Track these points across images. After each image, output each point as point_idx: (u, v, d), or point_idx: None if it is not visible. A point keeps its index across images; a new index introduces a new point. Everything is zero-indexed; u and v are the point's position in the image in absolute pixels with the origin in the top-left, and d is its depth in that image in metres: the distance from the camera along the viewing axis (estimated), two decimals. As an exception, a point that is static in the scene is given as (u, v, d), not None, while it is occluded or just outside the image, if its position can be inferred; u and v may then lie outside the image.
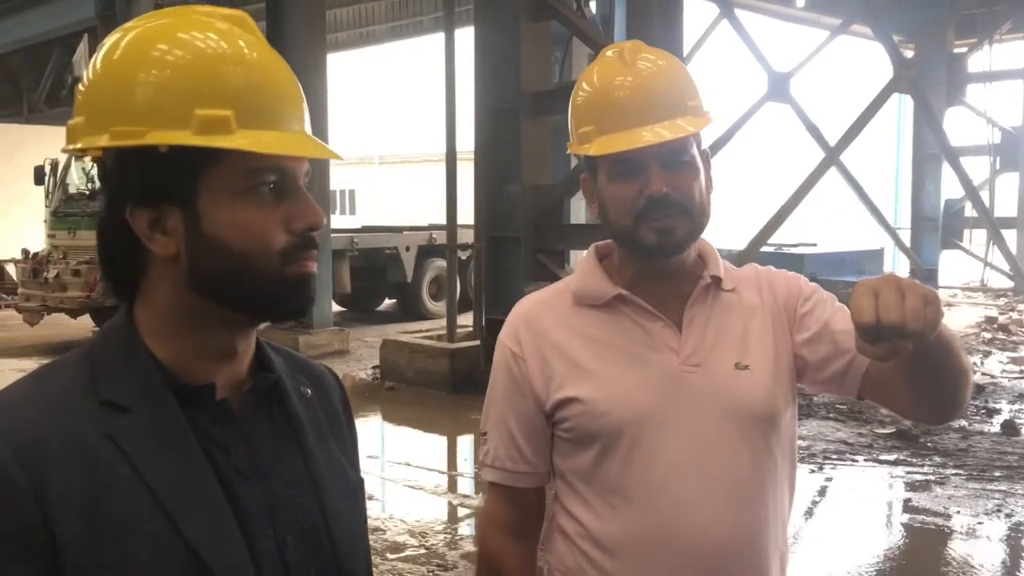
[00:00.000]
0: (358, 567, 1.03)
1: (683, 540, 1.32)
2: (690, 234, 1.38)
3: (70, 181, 12.26)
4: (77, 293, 10.93)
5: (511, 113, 8.40)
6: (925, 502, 5.54)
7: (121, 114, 0.87)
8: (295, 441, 1.01)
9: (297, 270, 0.93)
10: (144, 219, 0.90)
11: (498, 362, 1.51)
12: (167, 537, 0.85)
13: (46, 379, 0.91)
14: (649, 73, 1.37)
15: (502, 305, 8.75)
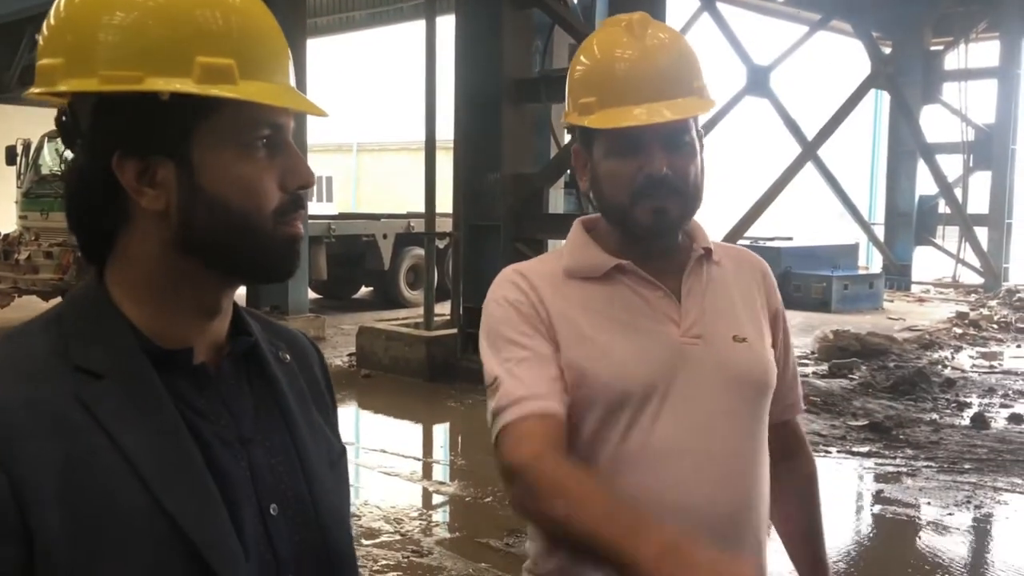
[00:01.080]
0: (343, 536, 0.99)
1: (685, 511, 1.31)
2: (683, 215, 1.38)
3: (42, 162, 12.09)
4: (49, 275, 10.80)
5: (492, 101, 8.37)
6: (896, 493, 5.61)
7: (111, 57, 0.82)
8: (276, 407, 0.97)
9: (287, 231, 0.89)
10: (132, 170, 0.85)
11: (498, 304, 1.41)
12: (148, 511, 0.81)
13: (14, 345, 0.85)
14: (657, 47, 1.35)
15: (480, 294, 8.66)
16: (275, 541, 0.91)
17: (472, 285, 8.84)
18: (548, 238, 8.56)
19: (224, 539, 0.85)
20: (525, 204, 8.61)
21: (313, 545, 0.95)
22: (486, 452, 6.44)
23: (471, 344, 8.73)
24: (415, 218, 13.44)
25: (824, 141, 12.77)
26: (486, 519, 5.01)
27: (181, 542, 0.82)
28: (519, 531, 4.78)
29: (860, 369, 8.94)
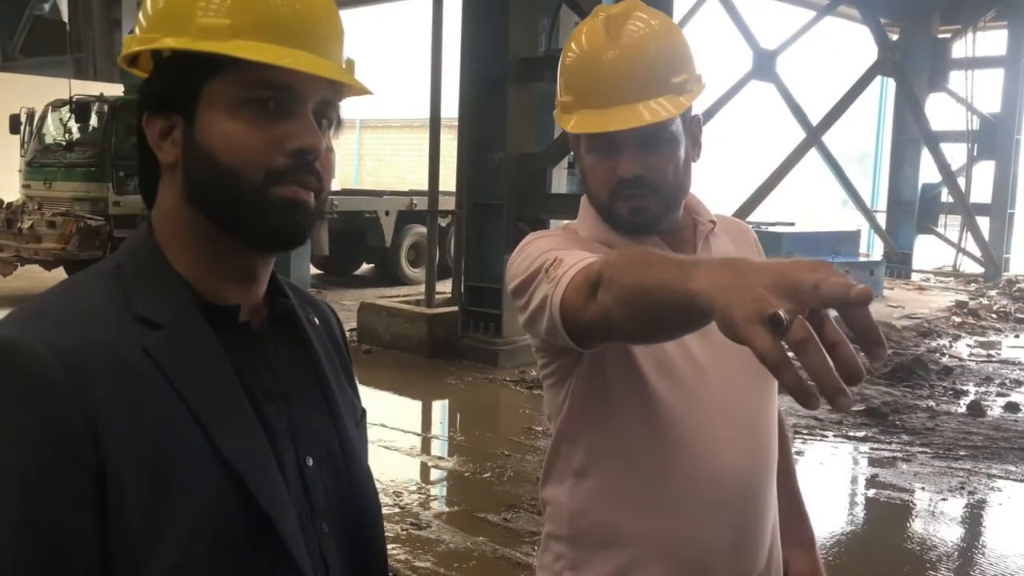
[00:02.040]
0: (369, 490, 1.05)
1: (712, 482, 1.35)
2: (664, 212, 1.40)
3: (46, 131, 12.08)
4: (52, 245, 10.81)
5: (497, 80, 8.36)
6: (891, 478, 5.66)
7: (148, 24, 0.92)
8: (310, 367, 1.02)
9: (283, 193, 0.90)
10: (156, 127, 0.93)
11: (533, 243, 1.37)
12: (204, 451, 0.86)
13: (78, 293, 0.90)
14: (632, 46, 1.33)
15: (482, 273, 8.78)
16: (311, 491, 0.96)
17: (474, 264, 8.86)
18: (551, 218, 8.57)
19: (274, 483, 0.90)
20: (528, 184, 8.61)
21: (343, 497, 1.00)
22: (484, 428, 6.50)
23: (472, 322, 8.78)
24: (417, 196, 13.43)
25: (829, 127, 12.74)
26: (484, 494, 5.06)
27: (236, 485, 0.87)
28: (516, 506, 4.83)
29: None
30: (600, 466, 1.40)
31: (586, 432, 1.41)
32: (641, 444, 1.36)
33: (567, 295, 1.18)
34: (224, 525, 0.86)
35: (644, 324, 1.06)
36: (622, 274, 1.07)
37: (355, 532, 1.01)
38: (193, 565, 0.84)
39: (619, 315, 1.07)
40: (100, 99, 11.65)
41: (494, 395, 7.60)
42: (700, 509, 1.35)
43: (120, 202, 11.30)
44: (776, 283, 0.78)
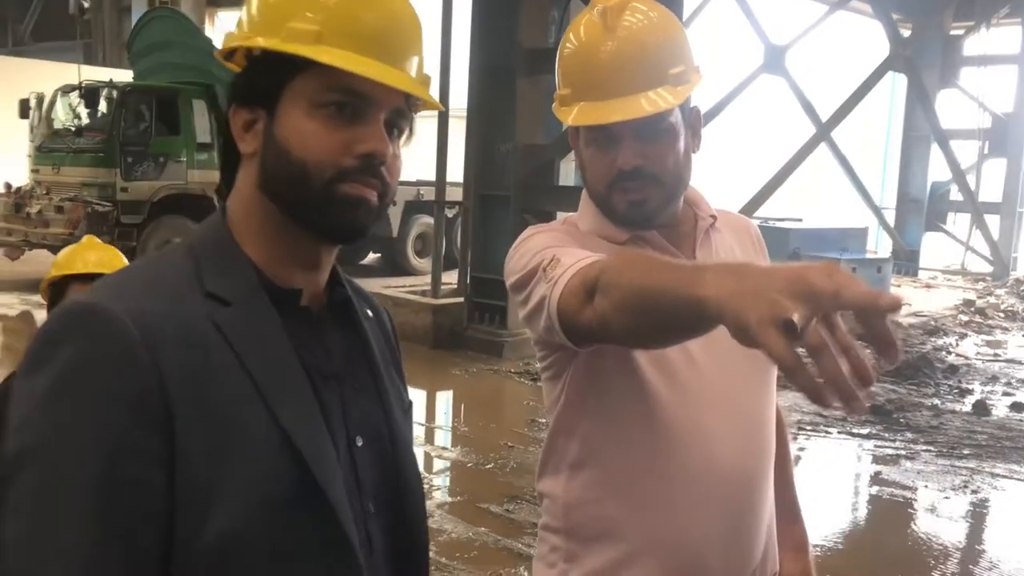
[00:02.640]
0: (414, 472, 1.10)
1: (708, 476, 1.35)
2: (664, 203, 1.39)
3: (55, 116, 12.08)
4: (60, 230, 10.81)
5: (507, 70, 8.34)
6: (894, 475, 5.65)
7: (247, 24, 0.99)
8: (364, 354, 1.08)
9: (348, 191, 0.96)
10: (240, 119, 0.99)
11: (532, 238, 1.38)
12: (265, 422, 0.91)
13: (159, 268, 0.97)
14: (630, 38, 1.33)
15: (488, 264, 8.78)
16: (359, 469, 1.01)
17: (480, 255, 8.86)
18: (558, 210, 8.55)
19: (327, 456, 0.95)
20: (536, 175, 8.60)
21: (388, 477, 1.05)
22: (488, 419, 6.51)
23: (477, 313, 8.78)
24: (425, 186, 13.42)
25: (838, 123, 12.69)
26: (486, 485, 5.07)
27: (292, 454, 0.92)
28: (519, 498, 4.84)
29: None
30: (595, 459, 1.40)
31: (582, 425, 1.41)
32: (635, 438, 1.36)
33: (564, 298, 1.19)
34: (278, 489, 0.91)
35: (645, 329, 1.06)
36: (621, 279, 1.07)
37: (399, 513, 1.06)
38: (248, 525, 0.89)
39: (619, 320, 1.08)
40: (109, 85, 11.64)
41: (498, 386, 7.61)
42: (694, 503, 1.35)
43: (128, 188, 11.30)
44: (790, 287, 0.78)
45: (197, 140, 11.95)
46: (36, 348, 0.88)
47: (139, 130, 11.57)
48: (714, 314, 0.87)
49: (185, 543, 0.87)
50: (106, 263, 2.04)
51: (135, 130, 11.51)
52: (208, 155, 12.08)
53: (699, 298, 0.89)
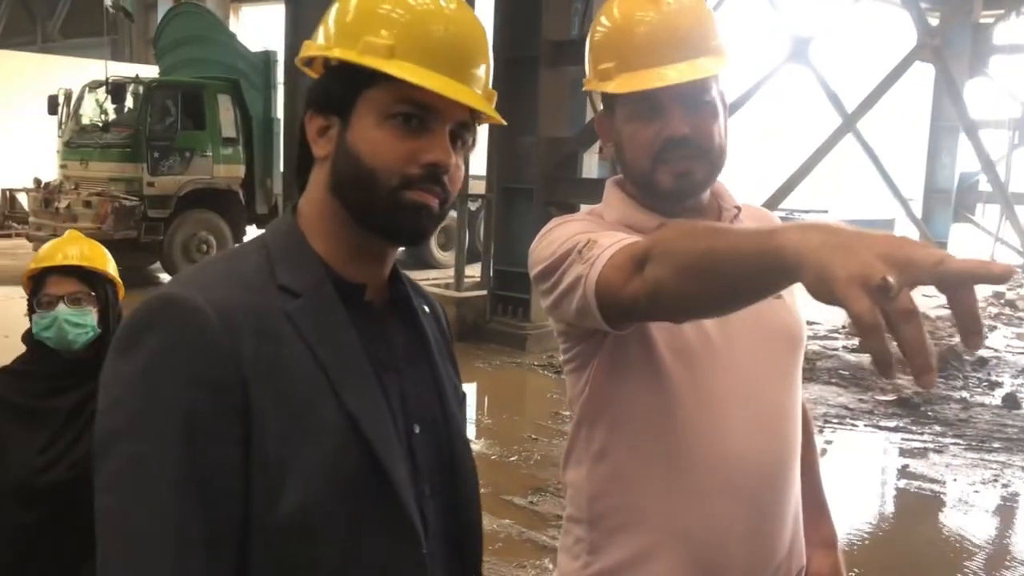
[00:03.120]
0: (468, 460, 1.15)
1: (732, 467, 1.34)
2: (708, 177, 1.39)
3: (83, 112, 12.21)
4: (88, 224, 10.92)
5: (530, 62, 8.32)
6: (922, 469, 5.59)
7: (327, 35, 1.06)
8: (421, 346, 1.14)
9: (411, 197, 1.01)
10: (316, 124, 1.05)
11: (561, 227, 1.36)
12: (331, 405, 0.98)
13: (235, 262, 1.04)
14: (673, 9, 1.35)
15: (511, 257, 8.77)
16: (416, 456, 1.07)
17: (503, 248, 8.86)
18: (581, 202, 8.53)
19: (389, 438, 1.02)
20: (559, 168, 8.59)
21: (443, 463, 1.11)
22: (512, 412, 6.51)
23: (500, 306, 8.78)
24: (448, 179, 13.40)
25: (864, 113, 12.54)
26: (510, 477, 5.08)
27: (358, 438, 0.98)
28: (543, 490, 4.84)
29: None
30: (617, 450, 1.40)
31: (605, 416, 1.41)
32: (657, 429, 1.36)
33: (605, 273, 1.18)
34: (345, 470, 0.97)
35: (705, 292, 1.04)
36: (681, 244, 1.06)
37: (453, 498, 1.12)
38: (318, 503, 0.95)
39: (675, 286, 1.06)
40: (136, 80, 11.75)
41: (521, 379, 7.61)
42: (717, 494, 1.35)
43: (154, 182, 11.41)
44: (888, 252, 0.77)
45: (222, 135, 12.04)
46: (124, 335, 0.96)
47: (165, 125, 11.67)
48: (792, 263, 0.85)
49: (261, 518, 0.94)
50: (86, 257, 2.05)
51: (161, 125, 11.61)
52: (233, 149, 12.17)
53: (777, 247, 0.88)
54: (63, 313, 1.99)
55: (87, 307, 2.02)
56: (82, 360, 2.04)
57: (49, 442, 1.98)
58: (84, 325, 2.01)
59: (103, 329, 2.04)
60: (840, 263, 0.78)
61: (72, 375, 2.04)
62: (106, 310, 2.05)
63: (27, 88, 15.76)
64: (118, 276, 2.15)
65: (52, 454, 1.97)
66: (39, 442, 1.98)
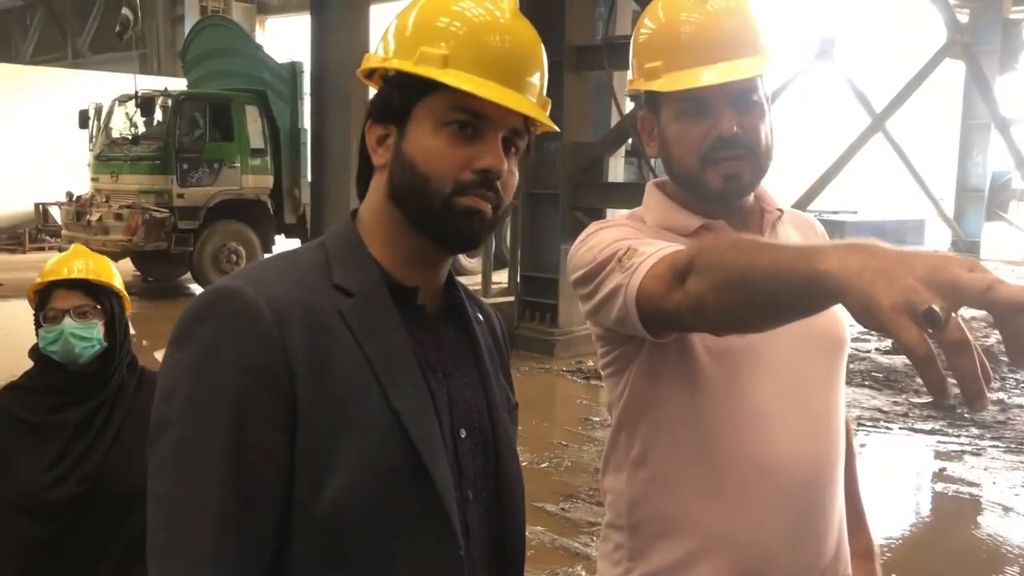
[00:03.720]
0: (515, 467, 1.16)
1: (774, 472, 1.32)
2: (755, 178, 1.38)
3: (113, 125, 12.37)
4: (119, 236, 11.08)
5: (555, 67, 8.22)
6: (960, 472, 5.50)
7: (386, 48, 1.10)
8: (471, 353, 1.16)
9: (465, 202, 1.04)
10: (375, 134, 1.09)
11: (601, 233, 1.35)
12: (377, 402, 1.00)
13: (292, 261, 1.09)
14: (722, 10, 1.34)
15: (538, 262, 8.76)
16: (462, 460, 1.09)
17: (529, 253, 8.85)
18: (607, 207, 8.51)
19: (433, 436, 1.03)
20: (584, 173, 8.57)
21: (489, 470, 1.13)
22: (541, 418, 6.49)
23: (528, 312, 8.77)
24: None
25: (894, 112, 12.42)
26: (542, 484, 5.06)
27: (401, 434, 1.00)
28: (574, 496, 4.82)
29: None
30: (657, 455, 1.38)
31: (644, 420, 1.40)
32: (698, 432, 1.34)
33: (646, 283, 1.17)
34: (387, 465, 0.99)
35: (747, 309, 1.03)
36: (724, 258, 1.04)
37: (498, 504, 1.13)
38: (359, 494, 0.98)
39: (717, 301, 1.05)
40: (164, 93, 11.89)
41: (550, 385, 7.59)
42: (760, 498, 1.33)
43: (184, 194, 11.54)
44: (931, 276, 0.75)
45: (250, 145, 12.15)
46: (181, 326, 1.00)
47: (194, 137, 11.80)
48: (833, 290, 0.84)
49: (304, 506, 0.97)
50: (92, 270, 2.06)
51: (190, 137, 11.75)
52: (261, 160, 12.28)
53: (818, 272, 0.87)
54: (69, 327, 1.98)
55: (93, 320, 2.01)
56: (89, 374, 2.04)
57: (57, 457, 1.98)
58: (90, 338, 2.00)
59: (109, 342, 2.04)
60: (883, 290, 0.77)
61: (79, 389, 2.04)
62: (112, 323, 2.05)
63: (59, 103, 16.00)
64: (124, 289, 2.14)
65: (61, 469, 1.97)
66: (47, 457, 1.98)
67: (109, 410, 2.04)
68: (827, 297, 0.87)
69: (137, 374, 2.11)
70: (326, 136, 8.68)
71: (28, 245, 16.43)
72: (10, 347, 8.38)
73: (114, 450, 1.99)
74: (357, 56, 1.10)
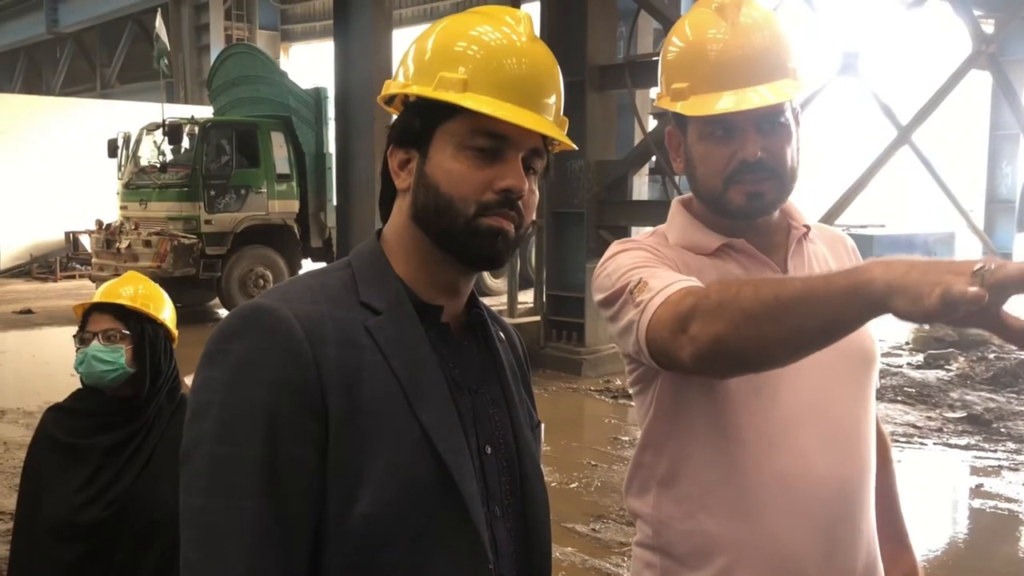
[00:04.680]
0: (539, 484, 1.17)
1: (803, 487, 1.31)
2: (779, 197, 1.38)
3: (141, 154, 12.54)
4: (148, 263, 11.19)
5: (576, 87, 8.33)
6: (998, 488, 5.40)
7: (405, 74, 1.12)
8: (494, 370, 1.17)
9: (488, 223, 1.06)
10: (397, 158, 1.11)
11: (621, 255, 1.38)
12: (405, 416, 1.02)
13: (321, 279, 1.10)
14: (749, 29, 1.33)
15: (564, 281, 8.75)
16: (488, 477, 1.10)
17: (555, 273, 8.84)
18: (632, 225, 8.49)
19: (460, 450, 1.05)
20: (608, 191, 8.56)
21: (515, 486, 1.13)
22: (570, 438, 6.45)
23: (555, 332, 8.75)
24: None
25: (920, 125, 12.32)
26: (572, 505, 5.02)
27: (428, 447, 1.02)
28: (604, 517, 4.77)
29: (957, 360, 8.62)
30: (685, 474, 1.38)
31: (670, 440, 1.40)
32: (724, 450, 1.33)
33: (653, 327, 1.20)
34: (415, 477, 1.01)
35: (775, 338, 1.07)
36: (740, 296, 1.08)
37: (523, 520, 1.14)
38: (390, 508, 0.99)
39: (739, 336, 1.08)
40: (191, 121, 12.04)
41: (579, 405, 7.55)
42: (789, 514, 1.31)
43: (211, 220, 11.65)
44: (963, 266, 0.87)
45: (276, 171, 12.26)
46: (215, 342, 1.02)
47: (220, 164, 11.93)
48: (879, 295, 0.93)
49: (335, 519, 0.99)
50: (132, 296, 2.09)
51: (217, 164, 11.88)
52: (287, 185, 12.39)
53: (859, 282, 0.95)
54: (93, 349, 2.01)
55: (119, 345, 2.03)
56: (124, 399, 2.06)
57: (88, 480, 2.00)
58: (113, 363, 2.01)
59: (139, 368, 2.04)
60: (932, 281, 0.88)
61: (115, 413, 2.06)
62: (141, 349, 2.05)
63: (88, 133, 16.28)
64: (173, 319, 2.16)
65: (90, 493, 1.98)
66: (77, 480, 2.00)
67: (143, 436, 2.05)
68: (870, 305, 0.94)
69: (176, 402, 2.12)
70: (351, 160, 8.74)
71: (59, 273, 16.66)
72: (45, 374, 8.50)
73: (144, 476, 2.01)
74: (380, 80, 1.12)
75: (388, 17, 10.75)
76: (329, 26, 10.08)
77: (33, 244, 17.49)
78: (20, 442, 5.86)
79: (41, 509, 2.02)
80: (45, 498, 2.02)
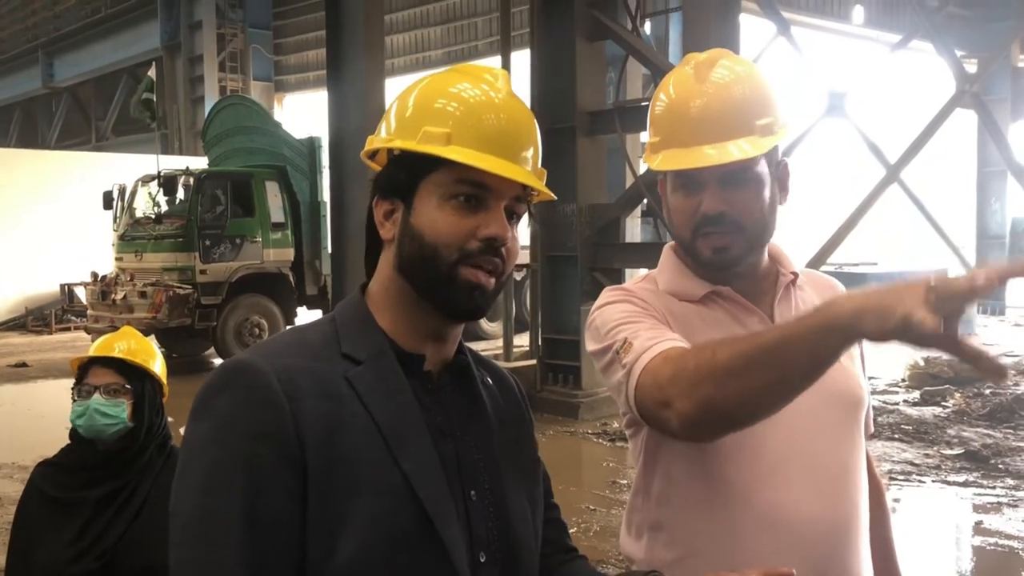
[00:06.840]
0: (525, 529, 1.17)
1: (789, 531, 1.32)
2: (746, 251, 1.40)
3: (136, 205, 12.60)
4: (143, 314, 11.19)
5: (567, 132, 8.43)
6: (998, 525, 5.37)
7: (388, 129, 1.15)
8: (479, 416, 1.18)
9: (465, 275, 1.09)
10: (382, 209, 1.14)
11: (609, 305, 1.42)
12: (386, 464, 1.03)
13: (303, 333, 1.14)
14: (718, 87, 1.37)
15: (559, 324, 8.76)
16: (472, 522, 1.10)
17: (550, 316, 8.86)
18: (626, 267, 8.54)
19: (442, 497, 1.06)
20: (601, 234, 8.62)
21: (501, 531, 1.14)
22: (568, 483, 6.42)
23: (551, 375, 8.74)
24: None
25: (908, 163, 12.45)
26: (570, 550, 4.97)
27: (410, 494, 1.03)
28: (604, 561, 4.73)
29: (954, 396, 8.62)
30: (673, 520, 1.40)
31: (656, 485, 1.42)
32: (712, 489, 1.35)
33: (640, 398, 1.25)
34: (397, 525, 1.02)
35: (757, 387, 1.11)
36: (716, 358, 1.13)
37: (511, 564, 1.13)
38: (372, 556, 1.01)
39: (723, 396, 1.13)
40: (186, 172, 12.12)
41: (576, 448, 7.52)
42: (776, 554, 1.31)
43: (206, 270, 11.68)
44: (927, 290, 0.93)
45: (271, 220, 12.32)
46: (200, 398, 1.05)
47: (215, 214, 11.98)
48: (848, 322, 0.99)
49: (319, 566, 1.00)
50: (131, 351, 2.12)
51: (212, 214, 11.93)
52: (282, 234, 12.44)
53: (829, 316, 1.01)
54: (96, 403, 2.03)
55: (121, 399, 2.06)
56: (114, 452, 2.07)
57: (78, 533, 2.01)
58: (115, 417, 2.04)
59: (136, 423, 2.07)
60: (892, 301, 0.95)
61: (104, 467, 2.07)
62: (141, 404, 2.08)
63: (83, 186, 16.35)
64: (164, 374, 2.19)
65: (81, 545, 2.00)
66: (67, 533, 2.01)
67: (133, 488, 2.06)
68: (841, 332, 1.01)
69: (166, 454, 2.14)
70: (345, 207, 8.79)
71: (54, 326, 16.63)
72: (39, 428, 8.44)
73: (134, 527, 2.02)
74: (373, 129, 1.18)
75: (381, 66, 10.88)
76: (322, 76, 10.20)
77: (28, 296, 17.48)
78: (14, 497, 5.81)
79: (33, 563, 2.02)
80: (37, 552, 2.02)
